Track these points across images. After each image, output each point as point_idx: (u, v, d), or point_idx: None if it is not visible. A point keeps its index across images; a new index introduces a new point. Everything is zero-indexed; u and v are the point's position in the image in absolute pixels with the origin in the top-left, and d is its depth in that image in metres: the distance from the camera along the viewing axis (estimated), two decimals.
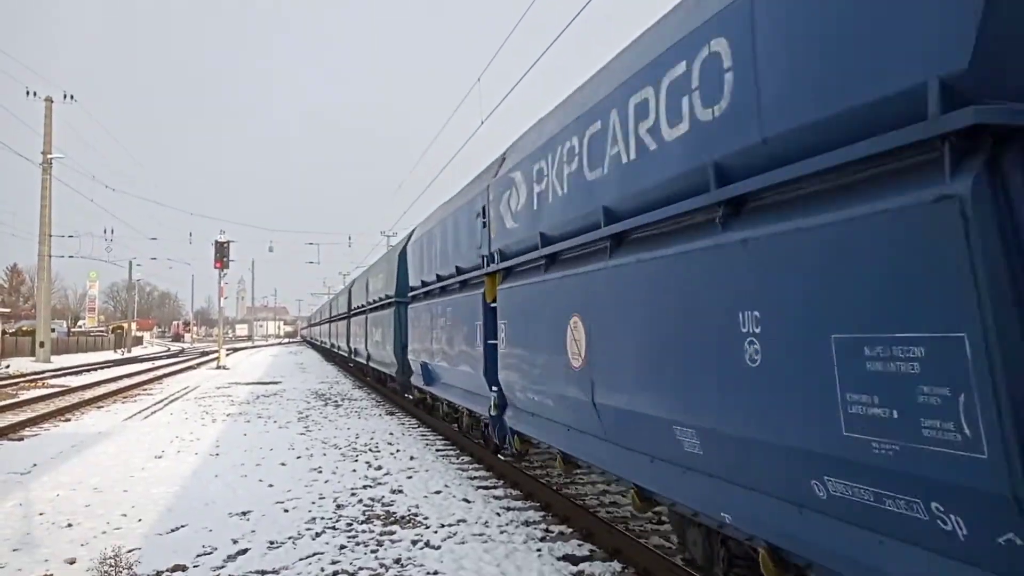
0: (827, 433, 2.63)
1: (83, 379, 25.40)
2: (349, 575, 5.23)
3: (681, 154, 3.70)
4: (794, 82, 2.85)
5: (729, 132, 3.27)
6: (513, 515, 6.84)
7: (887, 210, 2.38)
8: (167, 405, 16.98)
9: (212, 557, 5.63)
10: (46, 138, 36.61)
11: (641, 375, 4.20)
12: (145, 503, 7.36)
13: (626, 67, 4.46)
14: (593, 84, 5.20)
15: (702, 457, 3.66)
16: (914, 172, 2.36)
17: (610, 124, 4.52)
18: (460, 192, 9.97)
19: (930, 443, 2.24)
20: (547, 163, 5.78)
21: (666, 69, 3.81)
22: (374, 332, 17.98)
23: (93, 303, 74.78)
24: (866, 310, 2.47)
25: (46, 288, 38.35)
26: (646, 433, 4.28)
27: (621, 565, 5.36)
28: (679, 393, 3.77)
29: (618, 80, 4.48)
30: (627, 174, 4.33)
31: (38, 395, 18.64)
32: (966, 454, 2.11)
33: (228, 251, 33.50)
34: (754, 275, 3.08)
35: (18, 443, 11.39)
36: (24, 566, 5.43)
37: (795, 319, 2.83)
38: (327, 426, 13.19)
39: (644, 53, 4.24)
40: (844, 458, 2.59)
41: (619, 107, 4.39)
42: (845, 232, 2.56)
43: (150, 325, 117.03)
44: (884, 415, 2.40)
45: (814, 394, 2.70)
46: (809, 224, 2.77)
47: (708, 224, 3.49)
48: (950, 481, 2.18)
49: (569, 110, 5.54)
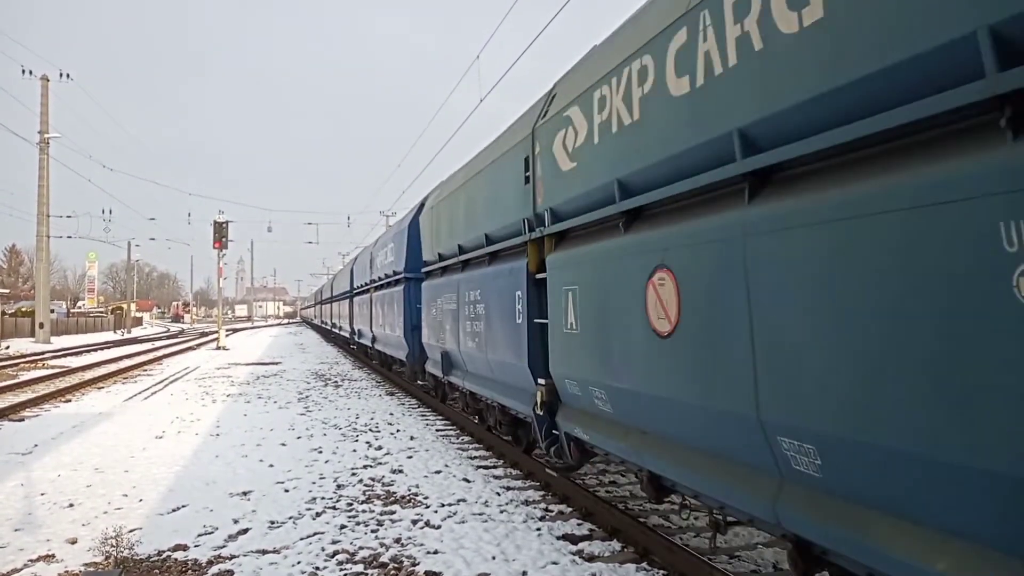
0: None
1: (83, 360, 25.43)
2: (349, 554, 5.25)
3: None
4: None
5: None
6: (513, 495, 6.87)
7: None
8: (167, 386, 17.01)
9: (213, 537, 5.65)
10: (43, 117, 36.28)
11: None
12: (146, 483, 7.39)
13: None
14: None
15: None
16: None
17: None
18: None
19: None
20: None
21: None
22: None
23: (92, 284, 74.60)
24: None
25: (45, 269, 38.25)
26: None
27: (621, 544, 5.38)
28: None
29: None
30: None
31: (38, 376, 18.66)
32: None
33: (227, 231, 33.41)
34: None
35: (19, 424, 11.42)
36: (26, 546, 5.45)
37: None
38: (327, 406, 13.22)
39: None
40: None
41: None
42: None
43: (150, 306, 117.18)
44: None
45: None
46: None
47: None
48: None
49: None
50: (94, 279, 73.85)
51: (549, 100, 6.23)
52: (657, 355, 4.02)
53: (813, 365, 2.78)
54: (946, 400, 2.20)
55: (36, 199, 36.95)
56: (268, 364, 23.59)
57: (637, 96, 4.21)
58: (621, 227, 4.60)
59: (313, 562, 5.08)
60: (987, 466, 2.09)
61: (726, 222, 3.33)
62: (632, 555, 5.16)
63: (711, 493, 3.81)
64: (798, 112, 2.85)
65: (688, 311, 3.69)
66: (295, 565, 5.03)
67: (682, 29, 3.65)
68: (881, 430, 2.46)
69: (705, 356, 3.55)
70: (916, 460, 2.35)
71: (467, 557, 5.13)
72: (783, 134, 2.96)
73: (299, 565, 5.02)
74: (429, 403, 13.04)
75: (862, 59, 2.49)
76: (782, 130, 2.96)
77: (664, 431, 4.27)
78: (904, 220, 2.32)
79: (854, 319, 2.56)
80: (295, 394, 15.13)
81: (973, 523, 2.21)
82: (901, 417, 2.37)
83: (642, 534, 5.28)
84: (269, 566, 5.00)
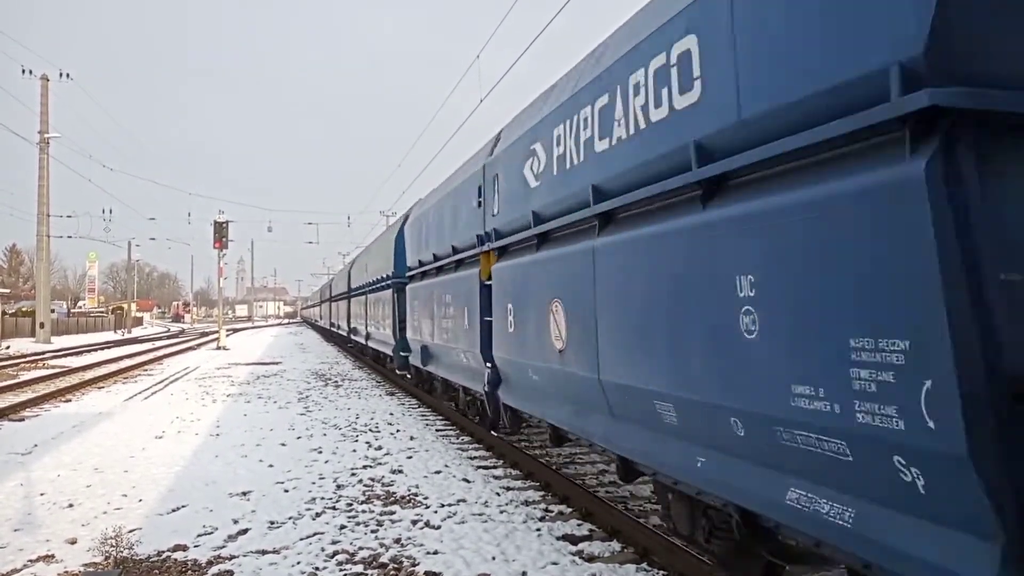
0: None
1: (83, 360, 25.44)
2: (349, 555, 5.25)
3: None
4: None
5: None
6: (513, 495, 6.86)
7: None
8: (168, 385, 17.01)
9: (213, 537, 5.65)
10: (42, 117, 36.30)
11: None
12: (146, 483, 7.38)
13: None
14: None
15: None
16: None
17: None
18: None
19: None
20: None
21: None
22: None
23: (93, 284, 74.64)
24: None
25: (45, 268, 38.27)
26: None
27: (620, 545, 5.38)
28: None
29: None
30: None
31: (39, 376, 18.67)
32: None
33: (227, 231, 33.41)
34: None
35: (19, 423, 11.43)
36: (25, 546, 5.45)
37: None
38: (327, 406, 13.22)
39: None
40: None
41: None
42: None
43: (150, 306, 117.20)
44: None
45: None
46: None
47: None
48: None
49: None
50: (94, 279, 73.93)
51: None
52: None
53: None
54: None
55: (36, 199, 36.97)
56: (268, 364, 23.60)
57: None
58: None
59: (313, 562, 5.07)
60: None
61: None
62: (632, 555, 5.16)
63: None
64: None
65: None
66: (295, 565, 5.02)
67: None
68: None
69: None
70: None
71: (467, 557, 5.13)
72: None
73: (299, 565, 5.02)
74: (429, 403, 13.04)
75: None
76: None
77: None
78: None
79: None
80: (295, 394, 15.13)
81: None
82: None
83: (642, 534, 5.28)
84: (269, 566, 5.00)
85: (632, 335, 4.29)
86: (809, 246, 2.70)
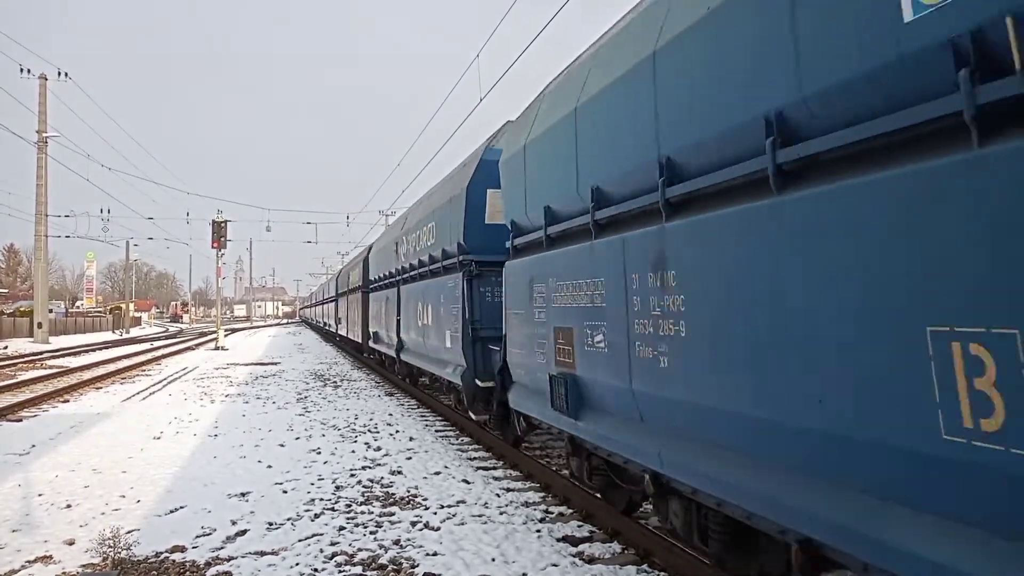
0: None
1: (81, 360, 25.39)
2: (348, 556, 5.22)
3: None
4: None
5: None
6: (513, 496, 6.84)
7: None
8: (166, 386, 16.97)
9: (211, 538, 5.62)
10: (41, 116, 36.20)
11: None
12: (144, 484, 7.35)
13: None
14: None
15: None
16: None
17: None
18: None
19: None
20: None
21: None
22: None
23: (91, 283, 74.46)
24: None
25: (43, 268, 38.17)
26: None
27: (621, 546, 5.36)
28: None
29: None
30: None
31: (36, 376, 18.62)
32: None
33: (225, 231, 33.35)
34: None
35: (16, 424, 11.39)
36: (23, 547, 5.42)
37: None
38: (326, 407, 13.19)
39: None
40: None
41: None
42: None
43: (148, 306, 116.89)
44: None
45: None
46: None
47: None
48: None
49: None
50: (92, 279, 73.76)
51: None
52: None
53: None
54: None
55: (34, 198, 36.89)
56: (267, 364, 23.55)
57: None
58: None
59: (312, 564, 5.05)
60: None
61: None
62: (633, 557, 5.14)
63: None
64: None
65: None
66: (293, 567, 5.00)
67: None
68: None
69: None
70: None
71: (466, 559, 5.11)
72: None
73: (297, 567, 5.00)
74: (429, 403, 13.02)
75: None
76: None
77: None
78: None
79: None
80: (294, 394, 15.09)
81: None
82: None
83: (643, 536, 5.26)
84: (267, 568, 4.97)
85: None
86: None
